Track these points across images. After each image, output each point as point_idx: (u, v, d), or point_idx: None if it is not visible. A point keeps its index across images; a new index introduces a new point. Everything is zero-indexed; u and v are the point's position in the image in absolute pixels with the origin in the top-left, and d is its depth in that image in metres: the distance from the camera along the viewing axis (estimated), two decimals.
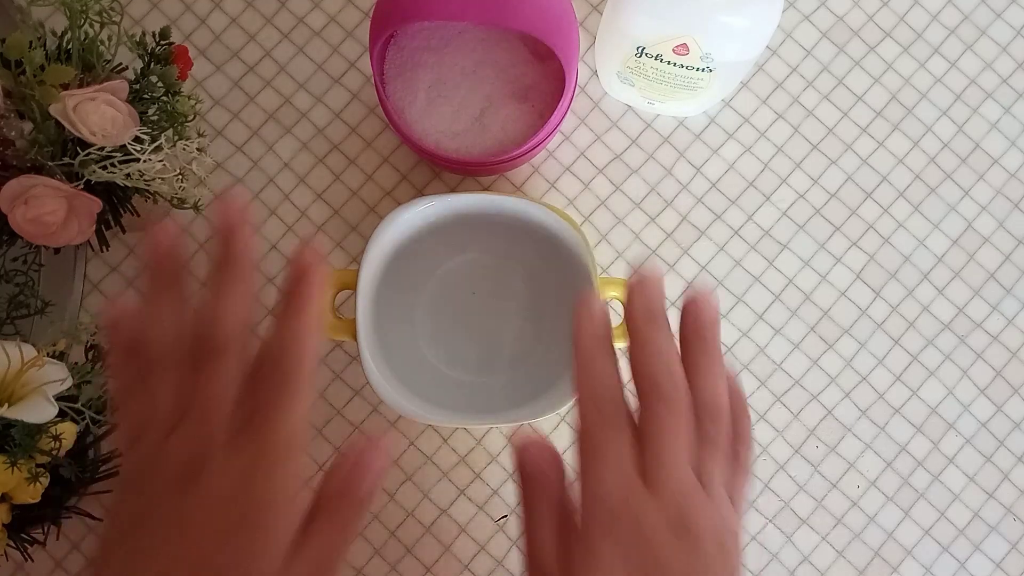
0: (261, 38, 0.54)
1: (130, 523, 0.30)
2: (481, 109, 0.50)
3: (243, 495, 0.29)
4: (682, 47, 0.45)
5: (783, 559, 0.51)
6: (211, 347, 0.30)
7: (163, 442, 0.30)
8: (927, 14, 0.55)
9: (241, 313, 0.31)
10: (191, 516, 0.29)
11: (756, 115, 0.54)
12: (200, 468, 0.29)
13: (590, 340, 0.32)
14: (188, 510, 0.29)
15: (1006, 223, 0.53)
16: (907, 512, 0.51)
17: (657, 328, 0.32)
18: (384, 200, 0.53)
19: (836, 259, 0.53)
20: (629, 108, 0.54)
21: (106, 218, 0.42)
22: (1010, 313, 0.53)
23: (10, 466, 0.36)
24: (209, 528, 0.29)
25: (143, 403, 0.31)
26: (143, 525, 0.30)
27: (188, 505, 0.29)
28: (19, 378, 0.37)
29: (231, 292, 0.31)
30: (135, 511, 0.30)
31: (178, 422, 0.30)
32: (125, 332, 0.32)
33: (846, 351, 0.52)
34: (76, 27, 0.39)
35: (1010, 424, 0.52)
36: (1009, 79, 0.54)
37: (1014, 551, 0.51)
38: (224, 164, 0.53)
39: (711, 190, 0.53)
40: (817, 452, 0.52)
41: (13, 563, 0.49)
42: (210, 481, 0.29)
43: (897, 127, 0.54)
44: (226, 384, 0.31)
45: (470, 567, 0.50)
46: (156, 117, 0.42)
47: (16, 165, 0.39)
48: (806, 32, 0.55)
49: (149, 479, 0.30)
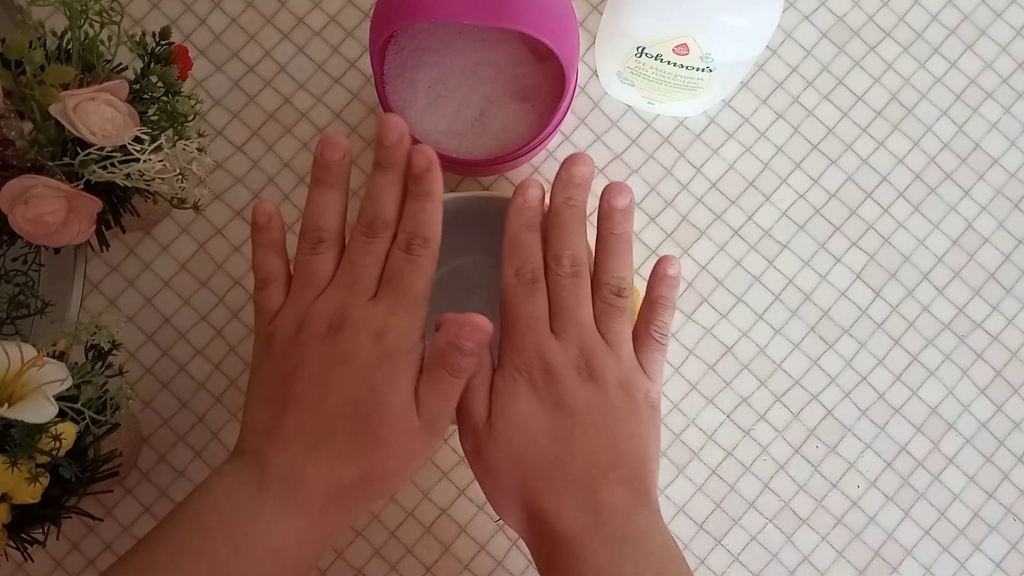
0: (261, 38, 0.54)
1: (289, 368, 0.37)
2: (481, 109, 0.50)
3: (384, 330, 0.36)
4: (682, 47, 0.45)
5: (783, 559, 0.51)
6: (377, 227, 0.38)
7: (313, 302, 0.38)
8: (927, 14, 0.55)
9: (397, 204, 0.39)
10: (340, 351, 0.36)
11: (756, 115, 0.54)
12: (345, 317, 0.37)
13: (519, 221, 0.40)
14: (337, 347, 0.36)
15: (1006, 223, 0.53)
16: (907, 512, 0.51)
17: (572, 214, 0.40)
18: None
19: (836, 259, 0.53)
20: (629, 108, 0.54)
21: (106, 218, 0.42)
22: (1010, 313, 0.53)
23: (10, 466, 0.36)
24: (355, 361, 0.36)
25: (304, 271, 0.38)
26: (302, 367, 0.36)
27: (337, 343, 0.36)
28: (19, 378, 0.37)
29: (394, 189, 0.39)
30: (292, 359, 0.37)
31: (327, 287, 0.38)
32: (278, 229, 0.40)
33: (846, 351, 0.52)
34: (76, 27, 0.39)
35: (1010, 424, 0.52)
36: (1009, 79, 0.54)
37: (1014, 551, 0.51)
38: (224, 164, 0.53)
39: (711, 190, 0.53)
40: (817, 452, 0.52)
41: (13, 563, 0.49)
42: (355, 324, 0.37)
43: (897, 127, 0.54)
44: (377, 257, 0.38)
45: (470, 567, 0.50)
46: (156, 117, 0.42)
47: (16, 165, 0.39)
48: (806, 32, 0.55)
49: (304, 330, 0.37)
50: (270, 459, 0.36)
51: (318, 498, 0.35)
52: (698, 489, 0.51)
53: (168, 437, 0.51)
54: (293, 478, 0.35)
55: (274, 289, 0.39)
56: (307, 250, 0.39)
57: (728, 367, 0.52)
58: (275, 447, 0.36)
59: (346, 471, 0.36)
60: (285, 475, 0.35)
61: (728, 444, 0.52)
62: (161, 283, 0.52)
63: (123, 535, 0.50)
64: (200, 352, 0.51)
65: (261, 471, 0.36)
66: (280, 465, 0.36)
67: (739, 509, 0.51)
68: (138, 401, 0.51)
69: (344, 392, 0.36)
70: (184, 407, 0.51)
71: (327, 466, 0.35)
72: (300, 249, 0.39)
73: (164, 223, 0.52)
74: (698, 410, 0.52)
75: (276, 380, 0.37)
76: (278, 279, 0.39)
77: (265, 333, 0.39)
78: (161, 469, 0.50)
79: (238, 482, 0.36)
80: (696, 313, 0.52)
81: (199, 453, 0.51)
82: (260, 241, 0.40)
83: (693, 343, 0.52)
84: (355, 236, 0.39)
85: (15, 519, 0.39)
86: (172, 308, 0.52)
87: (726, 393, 0.52)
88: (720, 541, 0.51)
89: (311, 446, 0.36)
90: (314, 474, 0.35)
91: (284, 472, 0.35)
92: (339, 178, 0.39)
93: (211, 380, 0.51)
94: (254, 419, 0.37)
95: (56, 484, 0.39)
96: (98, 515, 0.48)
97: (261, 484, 0.35)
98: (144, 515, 0.50)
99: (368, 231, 0.38)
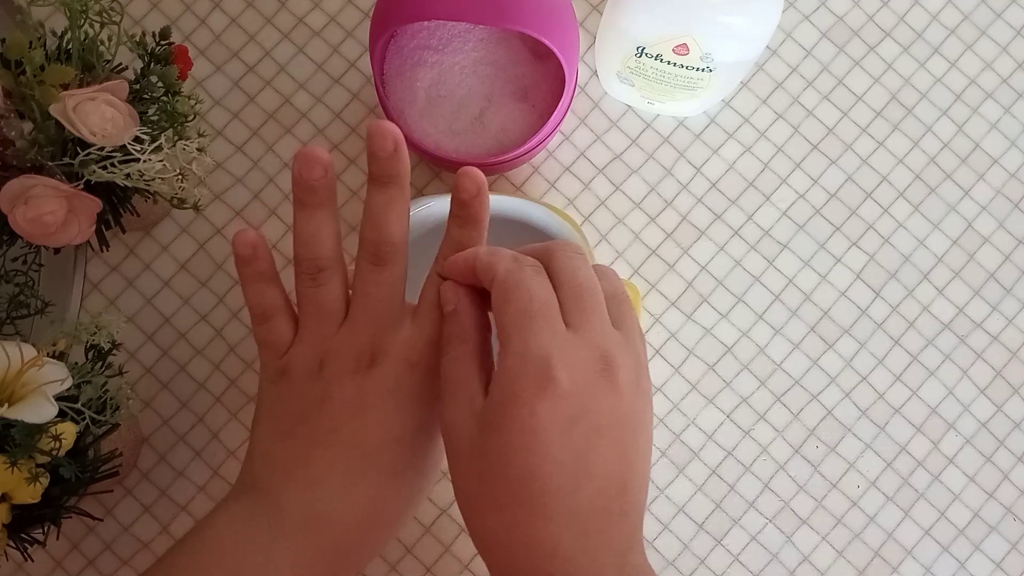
0: (261, 38, 0.54)
1: (312, 403, 0.34)
2: (481, 109, 0.50)
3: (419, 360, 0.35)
4: (682, 47, 0.45)
5: (783, 559, 0.51)
6: (383, 253, 0.35)
7: (335, 334, 0.35)
8: (927, 14, 0.55)
9: (406, 225, 0.36)
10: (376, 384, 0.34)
11: (756, 115, 0.54)
12: (383, 352, 0.34)
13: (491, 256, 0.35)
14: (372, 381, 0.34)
15: (1006, 223, 0.53)
16: (907, 512, 0.51)
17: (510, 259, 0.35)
18: None
19: (836, 259, 0.53)
20: (629, 108, 0.54)
21: (106, 218, 0.42)
22: (1010, 313, 0.53)
23: (10, 466, 0.36)
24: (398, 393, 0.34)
25: (312, 305, 0.36)
26: (331, 399, 0.34)
27: (372, 377, 0.34)
28: (19, 378, 0.37)
29: (397, 207, 0.35)
30: (316, 393, 0.34)
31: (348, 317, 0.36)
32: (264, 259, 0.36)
33: (846, 351, 0.52)
34: (76, 27, 0.39)
35: (1010, 424, 0.52)
36: (1009, 79, 0.54)
37: (1014, 551, 0.51)
38: (224, 164, 0.53)
39: (711, 190, 0.53)
40: (817, 452, 0.52)
41: (13, 563, 0.49)
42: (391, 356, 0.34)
43: (897, 127, 0.54)
44: (394, 286, 0.36)
45: (470, 567, 0.50)
46: (156, 117, 0.42)
47: (16, 165, 0.39)
48: (806, 32, 0.55)
49: (329, 365, 0.35)
50: (290, 500, 0.34)
51: (343, 541, 0.34)
52: (698, 489, 0.51)
53: (168, 437, 0.51)
54: (316, 520, 0.33)
55: (277, 324, 0.36)
56: (307, 282, 0.36)
57: (728, 367, 0.52)
58: (298, 486, 0.34)
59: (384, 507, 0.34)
60: (307, 518, 0.33)
61: (728, 444, 0.52)
62: (161, 283, 0.52)
63: (123, 535, 0.50)
64: (200, 352, 0.51)
65: (277, 514, 0.34)
66: (301, 506, 0.33)
67: (739, 509, 0.51)
68: (138, 401, 0.51)
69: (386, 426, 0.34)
70: (184, 407, 0.51)
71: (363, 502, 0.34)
72: (299, 281, 0.36)
73: (164, 223, 0.52)
74: (698, 410, 0.52)
75: (296, 414, 0.35)
76: (278, 311, 0.36)
77: (278, 366, 0.36)
78: (161, 469, 0.50)
79: (248, 529, 0.33)
80: (696, 313, 0.52)
81: (199, 453, 0.51)
82: (248, 275, 0.36)
83: (693, 343, 0.52)
84: (363, 265, 0.36)
85: (15, 519, 0.39)
86: (172, 308, 0.52)
87: (726, 393, 0.52)
88: (720, 541, 0.51)
89: (344, 486, 0.34)
90: (341, 511, 0.33)
91: (305, 514, 0.33)
92: (325, 197, 0.35)
93: (211, 380, 0.51)
94: (269, 455, 0.35)
95: (56, 484, 0.39)
96: (98, 515, 0.48)
97: (275, 530, 0.33)
98: (144, 515, 0.50)
99: (375, 259, 0.35)
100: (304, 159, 0.34)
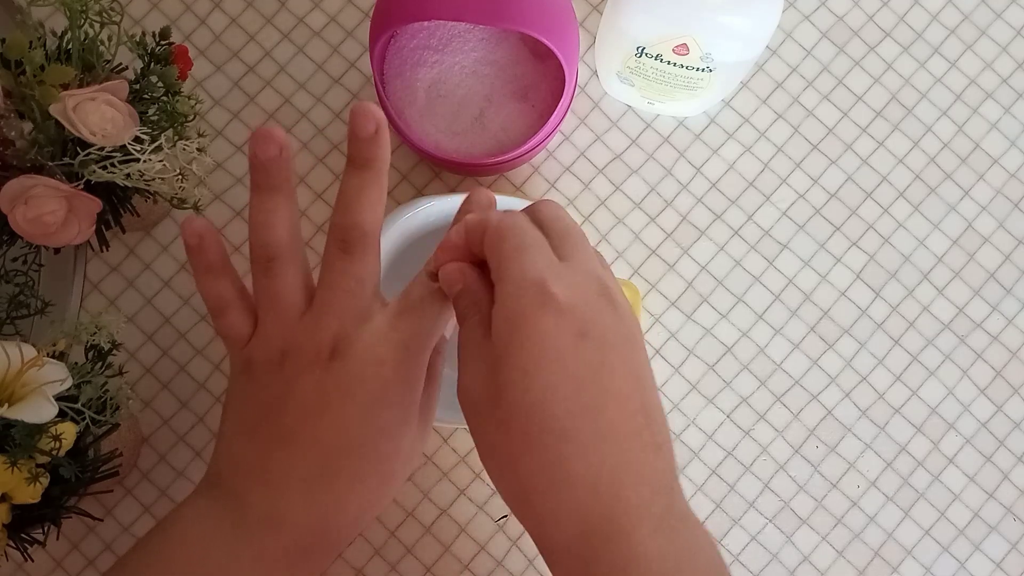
0: (261, 38, 0.54)
1: (274, 399, 0.33)
2: (481, 109, 0.50)
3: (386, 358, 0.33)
4: (682, 47, 0.45)
5: (783, 559, 0.51)
6: (352, 238, 0.34)
7: (296, 326, 0.34)
8: (927, 14, 0.55)
9: (379, 214, 0.34)
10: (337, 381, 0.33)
11: (756, 115, 0.54)
12: (338, 343, 0.33)
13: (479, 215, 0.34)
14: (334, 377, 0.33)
15: (1006, 223, 0.53)
16: (907, 512, 0.51)
17: None
18: None
19: (836, 259, 0.53)
20: (629, 108, 0.54)
21: (106, 218, 0.42)
22: (1010, 313, 0.53)
23: (10, 466, 0.36)
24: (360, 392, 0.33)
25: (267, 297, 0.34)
26: (292, 396, 0.33)
27: (334, 373, 0.33)
28: (19, 378, 0.37)
29: (371, 192, 0.34)
30: (277, 389, 0.33)
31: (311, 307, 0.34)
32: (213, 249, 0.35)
33: (846, 351, 0.52)
34: (76, 27, 0.39)
35: (1010, 424, 0.52)
36: (1009, 79, 0.54)
37: (1014, 551, 0.51)
38: (224, 164, 0.53)
39: (711, 190, 0.53)
40: (817, 452, 0.52)
41: (13, 563, 0.49)
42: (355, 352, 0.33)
43: (897, 127, 0.54)
44: (362, 277, 0.34)
45: (470, 567, 0.50)
46: (156, 117, 0.42)
47: (16, 165, 0.39)
48: (806, 32, 0.55)
49: (291, 358, 0.33)
50: (253, 498, 0.33)
51: (304, 540, 0.33)
52: (698, 489, 0.51)
53: (168, 437, 0.51)
54: (277, 519, 0.33)
55: (233, 317, 0.35)
56: (260, 272, 0.34)
57: (728, 367, 0.52)
58: (260, 485, 0.33)
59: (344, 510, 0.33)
60: (269, 516, 0.33)
61: (728, 444, 0.52)
62: (161, 283, 0.52)
63: (123, 535, 0.50)
64: (200, 352, 0.51)
65: (240, 511, 0.33)
66: (263, 505, 0.33)
67: (739, 509, 0.51)
68: (138, 401, 0.51)
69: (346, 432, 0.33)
70: (184, 407, 0.51)
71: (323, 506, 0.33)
72: (253, 271, 0.35)
73: (164, 223, 0.52)
74: (698, 410, 0.52)
75: (258, 411, 0.34)
76: (232, 304, 0.35)
77: (241, 357, 0.35)
78: (161, 469, 0.50)
79: (213, 525, 0.33)
80: (696, 313, 0.52)
81: (199, 453, 0.51)
82: (197, 266, 0.35)
83: (693, 343, 0.52)
84: (330, 252, 0.34)
85: (15, 519, 0.39)
86: (172, 308, 0.52)
87: (726, 393, 0.52)
88: (720, 541, 0.51)
89: (302, 491, 0.33)
90: (302, 514, 0.33)
91: (267, 513, 0.33)
92: (279, 180, 0.34)
93: (211, 380, 0.51)
94: (233, 453, 0.35)
95: (56, 484, 0.39)
96: (98, 515, 0.48)
97: (238, 527, 0.33)
98: (144, 515, 0.50)
99: (343, 245, 0.34)
100: (259, 137, 0.33)
